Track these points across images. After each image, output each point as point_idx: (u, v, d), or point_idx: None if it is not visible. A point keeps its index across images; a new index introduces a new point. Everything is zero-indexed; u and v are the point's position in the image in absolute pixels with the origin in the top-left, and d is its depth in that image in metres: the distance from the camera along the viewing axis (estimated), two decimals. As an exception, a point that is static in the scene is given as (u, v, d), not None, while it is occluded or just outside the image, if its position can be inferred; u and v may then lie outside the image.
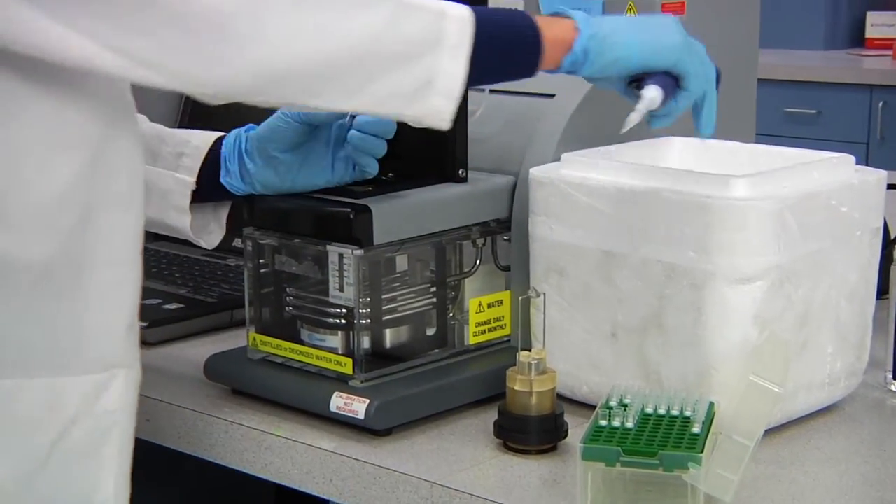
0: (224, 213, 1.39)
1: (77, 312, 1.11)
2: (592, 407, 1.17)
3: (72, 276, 1.10)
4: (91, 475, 1.13)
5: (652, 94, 1.16)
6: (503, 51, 1.11)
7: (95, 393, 1.13)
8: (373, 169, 1.28)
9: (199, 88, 1.03)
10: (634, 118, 1.17)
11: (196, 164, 1.33)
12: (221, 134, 1.35)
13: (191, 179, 1.33)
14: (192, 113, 2.00)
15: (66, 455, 1.11)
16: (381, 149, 1.28)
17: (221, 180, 1.32)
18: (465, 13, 1.08)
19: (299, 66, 1.03)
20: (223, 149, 1.33)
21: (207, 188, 1.34)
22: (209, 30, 1.00)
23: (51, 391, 1.10)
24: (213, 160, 1.33)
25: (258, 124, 1.33)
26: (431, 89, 1.06)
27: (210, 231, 1.39)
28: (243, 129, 1.34)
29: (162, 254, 1.83)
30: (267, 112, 1.31)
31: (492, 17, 1.11)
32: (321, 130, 1.30)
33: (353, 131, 1.27)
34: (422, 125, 1.10)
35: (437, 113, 1.08)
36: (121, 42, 0.99)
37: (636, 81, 1.18)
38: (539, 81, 1.41)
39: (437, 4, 1.07)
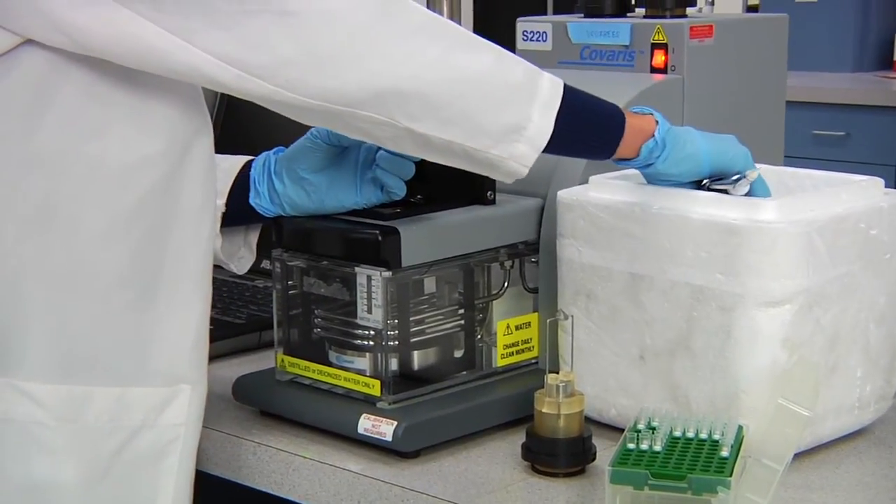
0: (254, 238, 1.40)
1: (146, 325, 1.13)
2: (620, 430, 1.17)
3: (142, 288, 1.12)
4: (152, 485, 1.15)
5: (743, 191, 1.23)
6: (588, 124, 1.18)
7: (161, 406, 1.15)
8: (400, 191, 1.29)
9: (306, 98, 1.07)
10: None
11: (226, 187, 1.34)
12: (250, 158, 1.37)
13: (220, 202, 1.34)
14: (221, 136, 2.01)
15: (129, 464, 1.14)
16: (410, 170, 1.29)
17: (250, 202, 1.33)
18: (558, 79, 1.15)
19: (406, 88, 1.08)
20: (252, 171, 1.34)
21: (237, 211, 1.34)
22: (328, 41, 1.05)
23: (118, 401, 1.13)
24: (242, 183, 1.34)
25: (286, 146, 1.34)
26: (520, 135, 1.13)
27: (241, 256, 1.40)
28: (272, 151, 1.35)
29: (191, 275, 1.84)
30: (295, 134, 1.32)
31: (582, 94, 1.18)
32: (349, 152, 1.31)
33: (381, 152, 1.28)
34: (496, 172, 1.15)
35: (519, 157, 1.13)
36: (240, 55, 1.04)
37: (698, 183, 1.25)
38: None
39: (532, 65, 1.16)
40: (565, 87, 1.16)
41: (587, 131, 1.18)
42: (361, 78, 1.06)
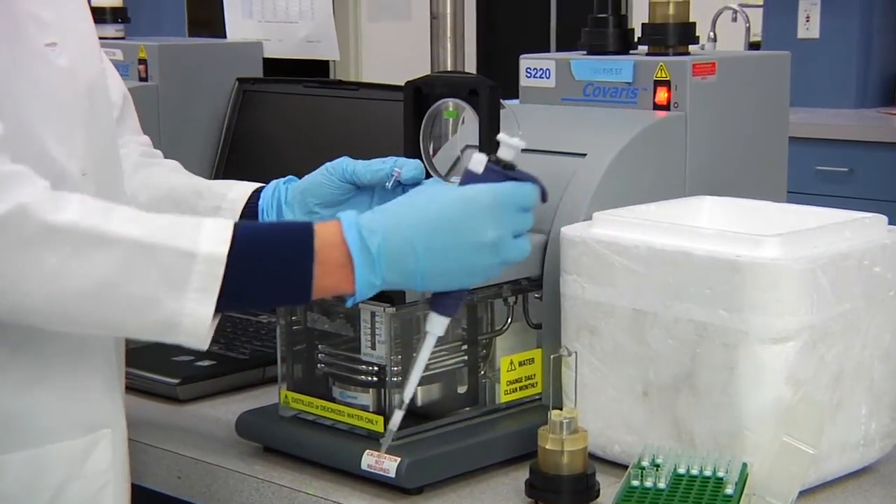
0: None
1: (47, 380, 1.12)
2: (624, 466, 1.17)
3: (35, 346, 1.11)
4: None
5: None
6: (267, 280, 1.05)
7: (82, 456, 1.14)
8: None
9: None
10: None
11: (234, 217, 1.33)
12: (259, 185, 1.36)
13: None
14: (228, 161, 2.02)
15: None
16: None
17: None
18: (219, 251, 1.03)
19: (31, 305, 1.01)
20: (261, 200, 1.33)
21: None
22: None
23: (35, 462, 1.12)
24: (250, 213, 1.33)
25: (298, 176, 1.34)
26: (177, 332, 1.05)
27: None
28: (282, 180, 1.34)
29: (194, 310, 1.84)
30: (301, 163, 1.31)
31: (258, 246, 1.05)
32: (364, 190, 1.30)
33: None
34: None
35: (189, 342, 1.06)
36: None
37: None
38: (571, 141, 1.43)
39: (188, 240, 1.03)
40: (232, 252, 1.03)
41: (268, 290, 1.06)
42: None
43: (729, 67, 1.50)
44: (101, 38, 2.12)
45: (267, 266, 1.05)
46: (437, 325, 1.14)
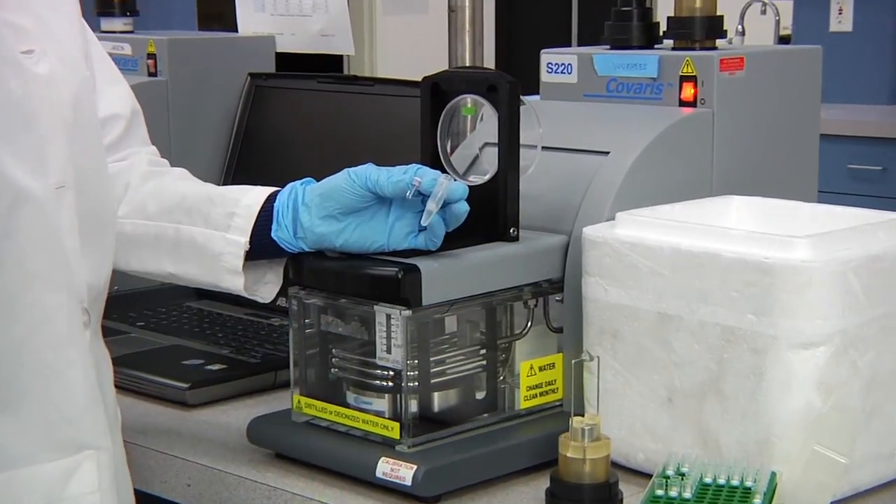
0: (281, 264, 1.36)
1: (21, 402, 1.12)
2: (648, 475, 1.17)
3: (6, 366, 1.11)
4: None
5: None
6: None
7: (63, 478, 1.14)
8: (440, 241, 1.27)
9: None
10: None
11: (248, 223, 1.32)
12: (275, 189, 1.35)
13: (243, 240, 1.32)
14: (240, 159, 2.02)
15: None
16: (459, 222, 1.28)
17: (272, 235, 1.31)
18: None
19: None
20: (276, 202, 1.32)
21: (260, 246, 1.33)
22: None
23: (13, 485, 1.12)
24: (265, 217, 1.32)
25: (315, 176, 1.33)
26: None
27: (267, 282, 1.37)
28: (299, 182, 1.33)
29: (205, 313, 1.85)
30: (322, 163, 1.31)
31: None
32: (385, 199, 1.28)
33: (460, 204, 1.25)
34: None
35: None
36: None
37: None
38: (594, 139, 1.43)
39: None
40: None
41: None
42: None
43: (758, 62, 1.50)
44: (108, 32, 2.15)
45: None
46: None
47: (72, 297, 1.17)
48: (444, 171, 1.33)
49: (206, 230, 1.34)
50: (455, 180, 1.27)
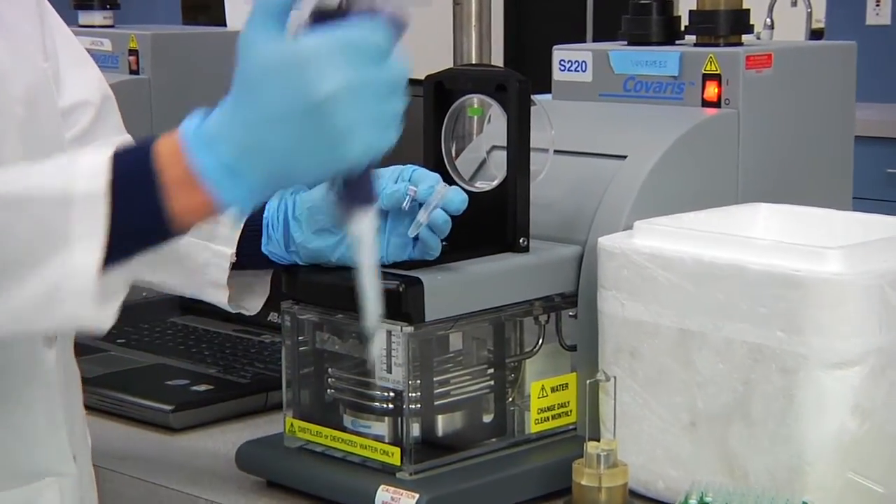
0: (268, 273, 1.36)
1: None
2: (669, 505, 1.17)
3: None
4: None
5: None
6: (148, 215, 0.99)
7: None
8: (437, 251, 1.27)
9: None
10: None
11: (234, 233, 1.32)
12: None
13: (229, 251, 1.32)
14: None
15: None
16: (449, 229, 1.27)
17: (263, 249, 1.32)
18: (97, 186, 0.97)
19: None
20: (266, 213, 1.32)
21: (247, 258, 1.33)
22: None
23: None
24: (253, 227, 1.32)
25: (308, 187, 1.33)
26: (62, 294, 0.98)
27: (252, 292, 1.37)
28: (289, 191, 1.33)
29: (190, 329, 1.86)
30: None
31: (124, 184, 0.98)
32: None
33: (438, 211, 1.25)
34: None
35: (80, 321, 1.00)
36: None
37: None
38: (610, 142, 1.43)
39: (62, 181, 0.98)
40: (114, 179, 0.97)
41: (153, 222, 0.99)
42: None
43: (787, 59, 1.51)
44: (86, 27, 2.15)
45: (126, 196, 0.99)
46: (363, 223, 1.01)
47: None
48: (447, 175, 1.34)
49: (190, 238, 1.33)
50: (453, 186, 1.26)
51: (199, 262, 1.33)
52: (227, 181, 0.97)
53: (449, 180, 1.33)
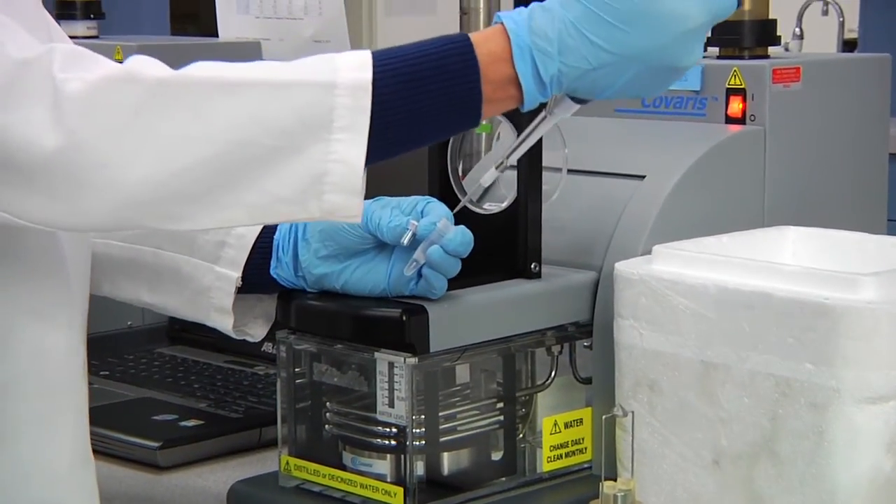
0: (273, 297, 1.36)
1: (3, 452, 1.13)
2: (691, 550, 1.18)
3: None
4: None
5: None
6: (422, 108, 1.08)
7: None
8: (442, 292, 1.27)
9: (69, 230, 1.09)
10: None
11: (241, 255, 1.32)
12: None
13: (235, 275, 1.32)
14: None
15: None
16: (457, 269, 1.27)
17: (272, 272, 1.32)
18: (362, 77, 1.05)
19: (150, 193, 1.02)
20: (277, 234, 1.32)
21: (253, 281, 1.33)
22: (42, 177, 1.02)
23: None
24: (261, 249, 1.32)
25: None
26: (324, 185, 1.05)
27: (256, 317, 1.37)
28: None
29: (178, 360, 1.86)
30: None
31: (402, 68, 1.07)
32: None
33: (434, 247, 1.25)
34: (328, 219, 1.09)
35: (336, 212, 1.07)
36: None
37: None
38: (627, 161, 1.44)
39: (324, 71, 1.05)
40: (376, 77, 1.05)
41: (425, 117, 1.08)
42: (98, 203, 1.02)
43: (817, 72, 1.51)
44: (70, 38, 2.16)
45: (427, 88, 1.07)
46: (567, 108, 1.20)
47: (72, 338, 1.17)
48: (451, 197, 1.34)
49: (193, 259, 1.33)
50: (459, 226, 1.26)
51: (204, 286, 1.33)
52: (538, 94, 1.12)
53: (455, 201, 1.33)
